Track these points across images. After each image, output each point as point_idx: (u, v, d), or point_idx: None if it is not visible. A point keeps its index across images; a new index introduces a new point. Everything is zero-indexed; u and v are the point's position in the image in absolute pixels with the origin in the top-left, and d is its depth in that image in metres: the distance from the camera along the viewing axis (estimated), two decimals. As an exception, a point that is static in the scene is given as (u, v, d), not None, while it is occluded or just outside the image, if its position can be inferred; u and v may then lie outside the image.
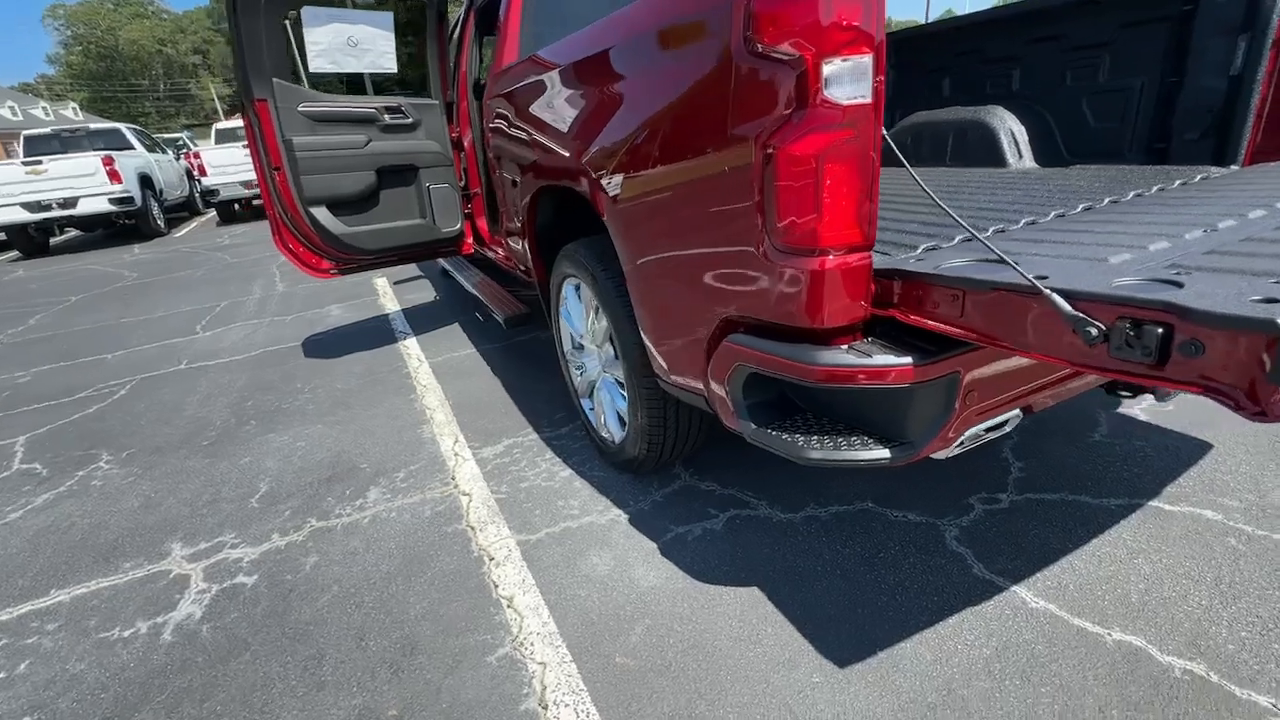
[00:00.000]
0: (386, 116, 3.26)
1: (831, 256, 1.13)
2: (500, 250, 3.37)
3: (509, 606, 1.72)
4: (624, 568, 1.82)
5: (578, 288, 2.22)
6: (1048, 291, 0.88)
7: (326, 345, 4.06)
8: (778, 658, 1.48)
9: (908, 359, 1.12)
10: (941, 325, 1.08)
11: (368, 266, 3.50)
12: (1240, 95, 1.90)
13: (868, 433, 1.27)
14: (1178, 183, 1.74)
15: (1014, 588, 1.60)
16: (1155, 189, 1.69)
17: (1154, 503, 1.85)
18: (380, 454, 2.61)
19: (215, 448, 2.81)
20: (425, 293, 5.08)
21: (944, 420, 1.19)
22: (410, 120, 3.34)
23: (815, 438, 1.28)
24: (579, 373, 2.46)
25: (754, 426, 1.35)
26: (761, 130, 1.13)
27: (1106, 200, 1.58)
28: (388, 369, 3.54)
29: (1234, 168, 1.94)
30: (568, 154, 1.88)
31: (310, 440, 2.80)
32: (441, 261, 4.25)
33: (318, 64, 3.08)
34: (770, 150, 1.11)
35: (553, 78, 2.02)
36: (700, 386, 1.55)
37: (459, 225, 3.61)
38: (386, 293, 5.20)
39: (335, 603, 1.80)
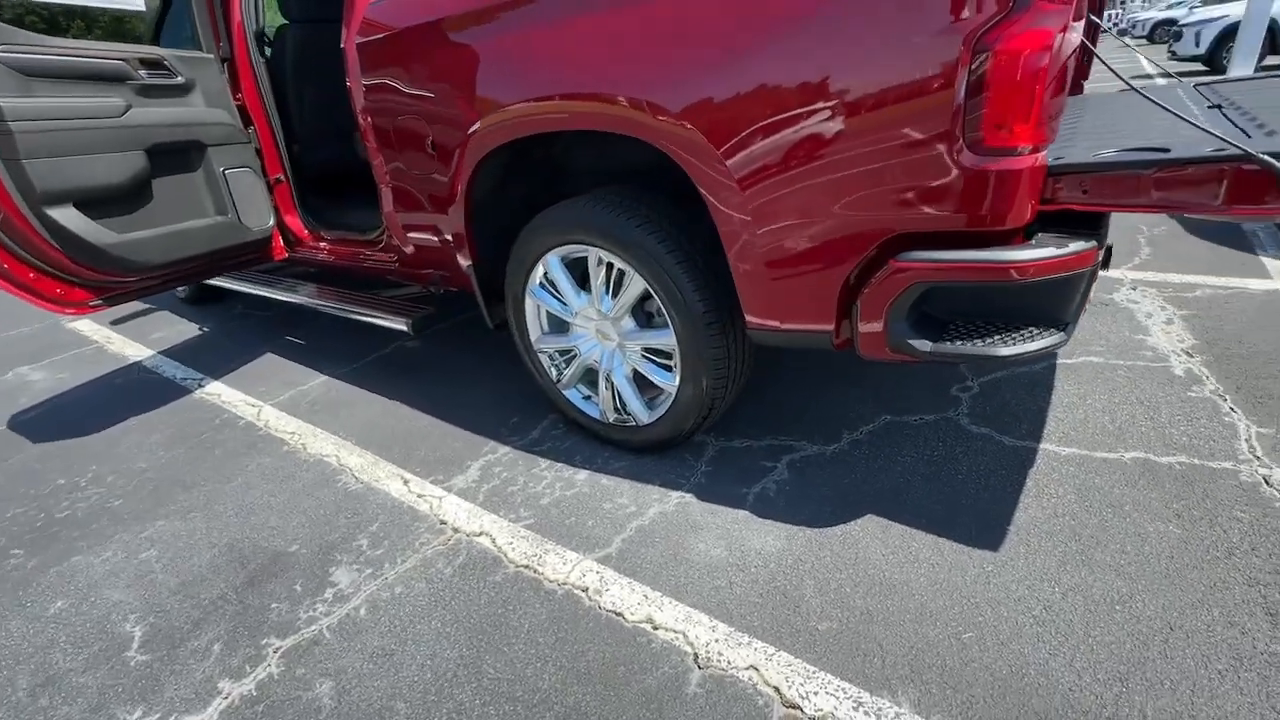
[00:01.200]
0: (144, 73, 2.29)
1: (1029, 155, 1.17)
2: (337, 249, 2.70)
3: (655, 629, 1.44)
4: (736, 542, 1.67)
5: (564, 260, 1.90)
6: (1262, 155, 1.07)
7: (63, 422, 2.77)
8: (945, 564, 1.53)
9: (1091, 243, 1.24)
10: (1123, 207, 1.22)
11: (151, 289, 2.47)
12: None
13: (1031, 323, 1.37)
14: None
15: (1041, 446, 1.91)
16: None
17: (1075, 360, 2.38)
18: (304, 527, 1.91)
19: (-24, 608, 1.73)
20: (178, 327, 3.79)
21: (1087, 296, 1.35)
22: (181, 79, 2.41)
23: (997, 337, 1.33)
24: (563, 360, 2.13)
25: (930, 344, 1.35)
26: (973, 27, 1.10)
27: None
28: (208, 428, 2.57)
29: None
30: (623, 82, 1.49)
31: (163, 544, 1.90)
32: (220, 281, 3.22)
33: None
34: (984, 48, 1.10)
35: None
36: (822, 326, 1.48)
37: (270, 221, 2.77)
38: (110, 338, 3.73)
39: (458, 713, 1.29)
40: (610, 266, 1.82)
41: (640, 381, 1.97)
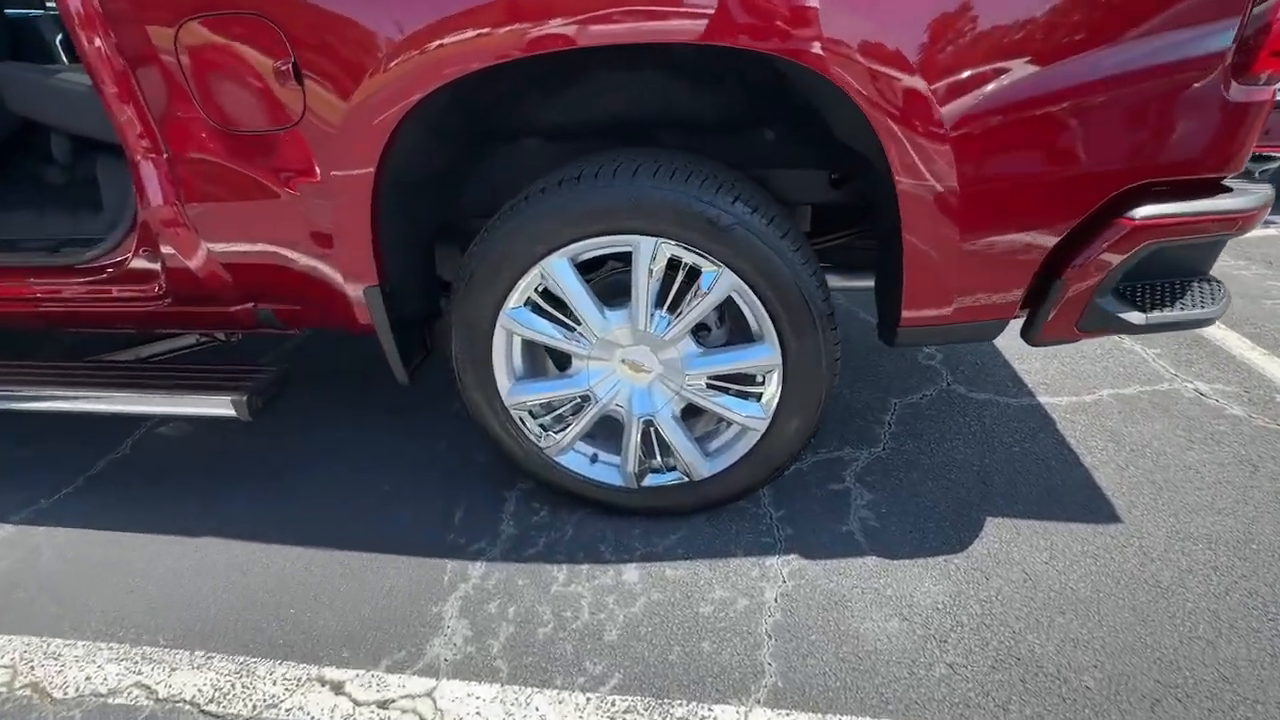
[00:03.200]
0: None
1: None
2: None
3: (929, 780, 0.99)
4: (900, 603, 1.28)
5: (573, 262, 1.23)
6: None
7: None
8: (1100, 552, 1.39)
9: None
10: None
11: None
12: None
13: (1188, 279, 1.26)
14: None
15: (1040, 400, 1.94)
16: None
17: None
18: None
19: None
20: None
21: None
22: None
23: (1191, 298, 1.18)
24: (553, 415, 1.42)
25: (1143, 316, 1.14)
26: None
27: None
28: None
29: None
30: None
31: None
32: None
33: None
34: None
35: None
36: (1004, 310, 1.18)
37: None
38: None
39: None
40: (675, 267, 1.22)
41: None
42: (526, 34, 1.00)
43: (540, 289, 1.28)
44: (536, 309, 1.31)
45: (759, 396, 1.33)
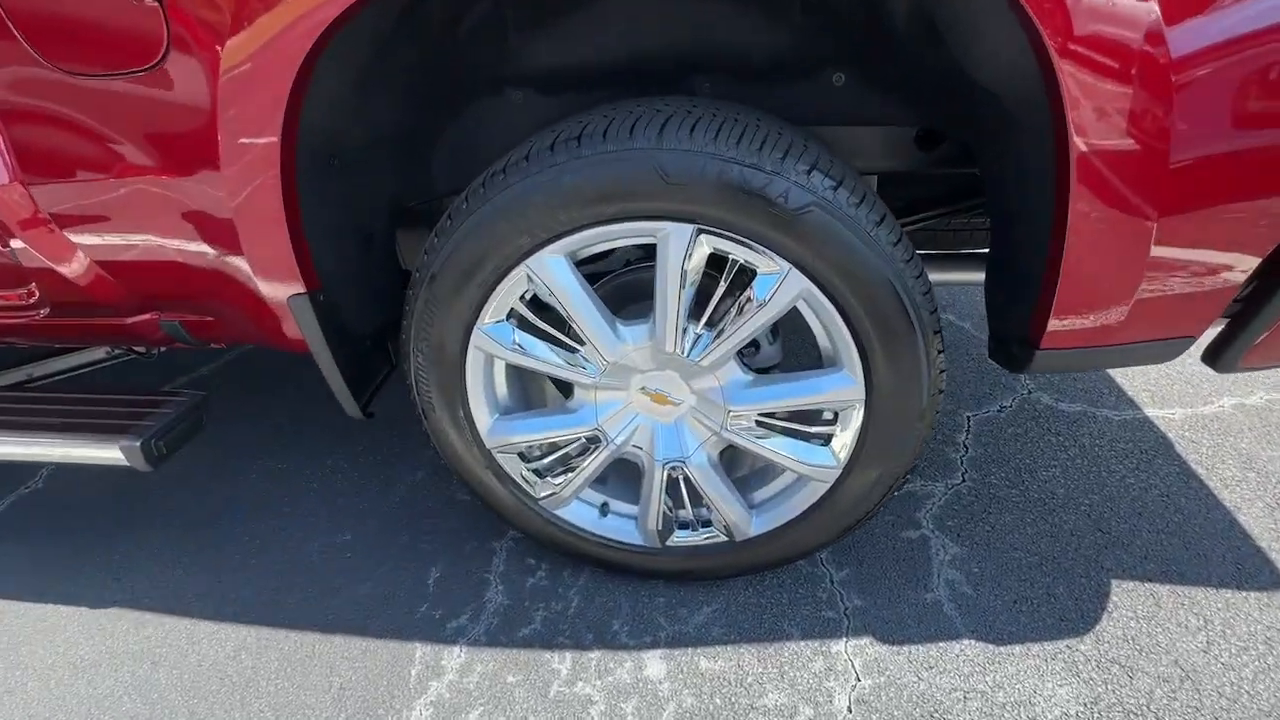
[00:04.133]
0: None
1: None
2: None
3: None
4: (1012, 707, 0.95)
5: (573, 260, 0.87)
6: None
7: None
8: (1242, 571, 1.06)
9: None
10: None
11: None
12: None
13: None
14: None
15: (1147, 413, 1.59)
16: None
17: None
18: None
19: None
20: None
21: None
22: None
23: None
24: (556, 459, 1.09)
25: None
26: None
27: None
28: None
29: None
30: None
31: None
32: None
33: None
34: None
35: None
36: (1211, 306, 0.82)
37: None
38: None
39: None
40: (719, 265, 0.86)
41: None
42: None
43: (528, 296, 0.93)
44: (523, 323, 0.96)
45: (826, 439, 0.99)
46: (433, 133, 1.12)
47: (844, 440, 0.96)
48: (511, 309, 0.93)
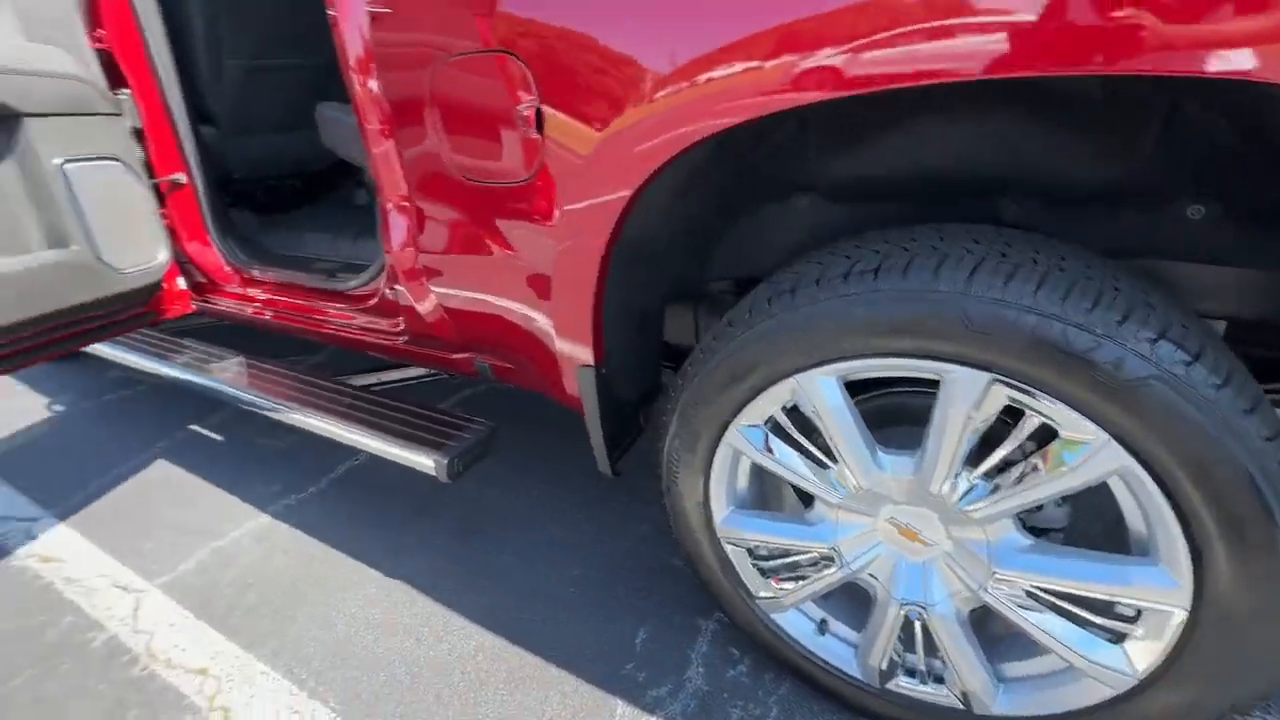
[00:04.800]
0: None
1: None
2: (283, 299, 1.60)
3: None
4: None
5: (843, 383, 0.86)
6: None
7: None
8: None
9: None
10: None
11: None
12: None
13: None
14: None
15: None
16: None
17: None
18: None
19: None
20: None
21: None
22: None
23: None
24: (785, 562, 1.08)
25: None
26: None
27: None
28: (30, 651, 1.35)
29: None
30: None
31: None
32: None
33: None
34: None
35: None
36: None
37: (161, 256, 1.57)
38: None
39: None
40: (1012, 412, 0.79)
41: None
42: (863, 66, 0.67)
43: (788, 405, 0.94)
44: (777, 428, 0.97)
45: (1120, 637, 0.82)
46: (722, 228, 1.21)
47: (1149, 649, 0.79)
48: (770, 415, 0.96)
